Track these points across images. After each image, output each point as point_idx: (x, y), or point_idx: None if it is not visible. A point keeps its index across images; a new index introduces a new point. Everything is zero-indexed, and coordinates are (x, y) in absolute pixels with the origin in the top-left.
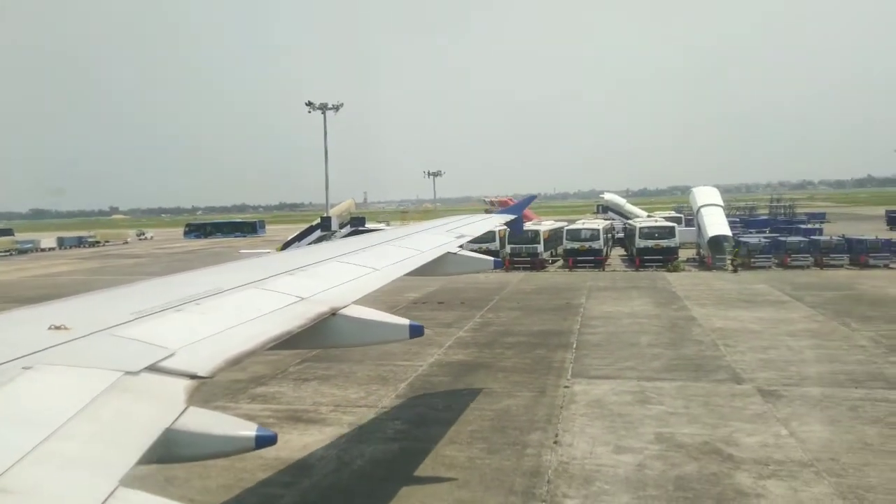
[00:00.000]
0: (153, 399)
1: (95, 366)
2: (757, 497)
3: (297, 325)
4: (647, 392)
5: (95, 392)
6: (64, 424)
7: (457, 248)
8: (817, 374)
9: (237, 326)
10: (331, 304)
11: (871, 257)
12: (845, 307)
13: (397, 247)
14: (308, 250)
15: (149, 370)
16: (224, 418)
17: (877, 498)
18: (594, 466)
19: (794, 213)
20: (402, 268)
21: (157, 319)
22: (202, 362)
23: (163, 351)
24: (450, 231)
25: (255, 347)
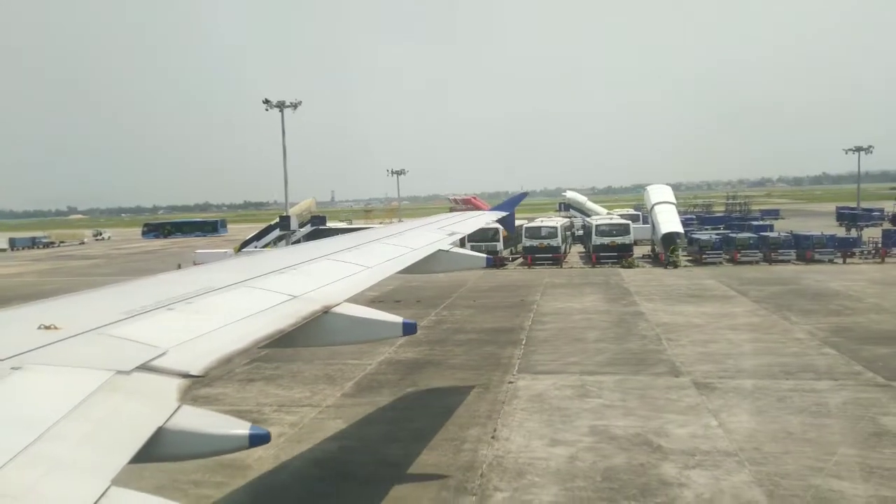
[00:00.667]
0: (145, 398)
1: (86, 365)
2: (680, 486)
3: (290, 323)
4: (588, 386)
5: (87, 392)
6: (55, 425)
7: (449, 245)
8: (752, 367)
9: (229, 325)
10: (323, 302)
11: (817, 252)
12: (787, 301)
13: (389, 244)
14: (299, 248)
15: (140, 369)
16: (217, 417)
17: (790, 483)
18: (527, 460)
19: (749, 211)
20: (394, 265)
21: (148, 318)
22: (194, 361)
23: (154, 350)
24: (441, 228)
25: (248, 346)
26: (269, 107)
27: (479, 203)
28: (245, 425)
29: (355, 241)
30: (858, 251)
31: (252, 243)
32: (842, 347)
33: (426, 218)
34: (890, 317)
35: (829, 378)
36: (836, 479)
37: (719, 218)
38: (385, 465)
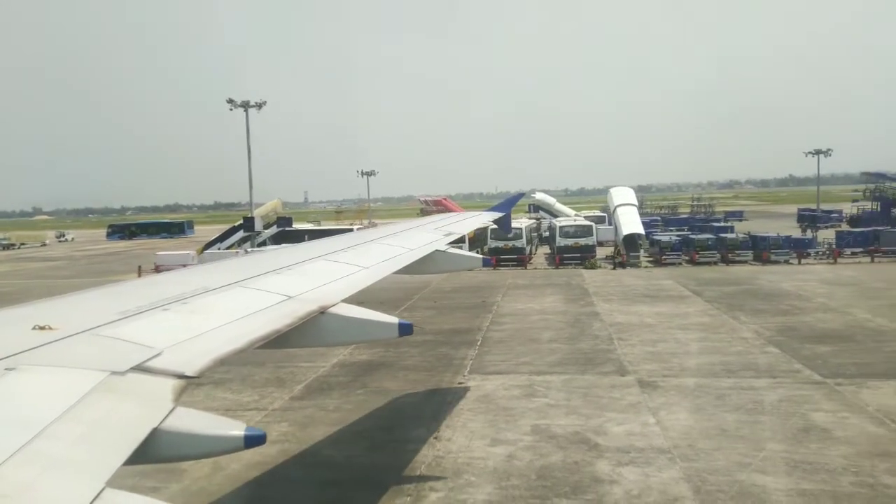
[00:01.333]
0: (140, 399)
1: (81, 366)
2: (611, 483)
3: (286, 323)
4: (536, 386)
5: (81, 393)
6: (49, 425)
7: (445, 245)
8: (696, 366)
9: (225, 325)
10: (319, 302)
11: (773, 253)
12: (739, 301)
13: (385, 245)
14: (295, 249)
15: (135, 370)
16: (212, 418)
17: (717, 479)
18: (466, 460)
19: (713, 212)
20: (390, 266)
21: (143, 319)
22: (189, 362)
23: (149, 350)
24: (438, 229)
25: (243, 346)
26: (234, 106)
27: (449, 204)
28: (240, 426)
29: (351, 241)
30: (814, 252)
31: (215, 245)
32: (785, 346)
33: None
34: (835, 316)
35: (769, 376)
36: (760, 474)
37: (684, 219)
38: (323, 466)
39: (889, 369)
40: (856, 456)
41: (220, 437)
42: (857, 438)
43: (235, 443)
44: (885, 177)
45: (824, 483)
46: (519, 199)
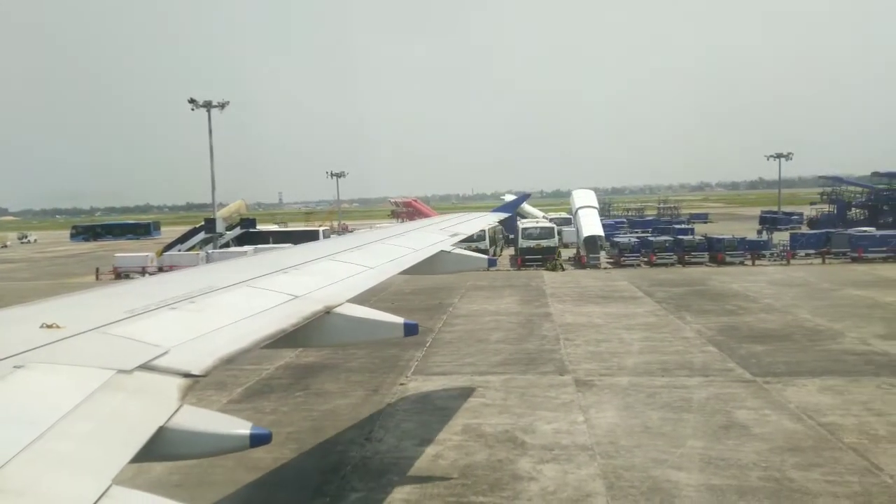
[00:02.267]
0: (147, 397)
1: (88, 364)
2: (529, 481)
3: (292, 323)
4: (475, 386)
5: (88, 390)
6: (57, 423)
7: (450, 246)
8: (634, 365)
9: (231, 325)
10: (325, 302)
11: (728, 255)
12: (688, 302)
13: (391, 245)
14: (301, 249)
15: (142, 368)
16: (218, 417)
17: (631, 475)
18: (393, 460)
19: (679, 214)
20: (396, 266)
21: (150, 318)
22: (196, 361)
23: (156, 349)
24: (444, 229)
25: (250, 346)
26: (196, 107)
27: (420, 206)
28: (246, 425)
29: (357, 241)
30: (769, 253)
31: (175, 247)
32: (723, 346)
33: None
34: (777, 316)
35: (701, 375)
36: (675, 470)
37: (649, 221)
38: (248, 469)
39: (817, 367)
40: (768, 452)
41: (225, 436)
42: (773, 435)
43: (241, 442)
44: (842, 180)
45: (733, 478)
46: (524, 200)
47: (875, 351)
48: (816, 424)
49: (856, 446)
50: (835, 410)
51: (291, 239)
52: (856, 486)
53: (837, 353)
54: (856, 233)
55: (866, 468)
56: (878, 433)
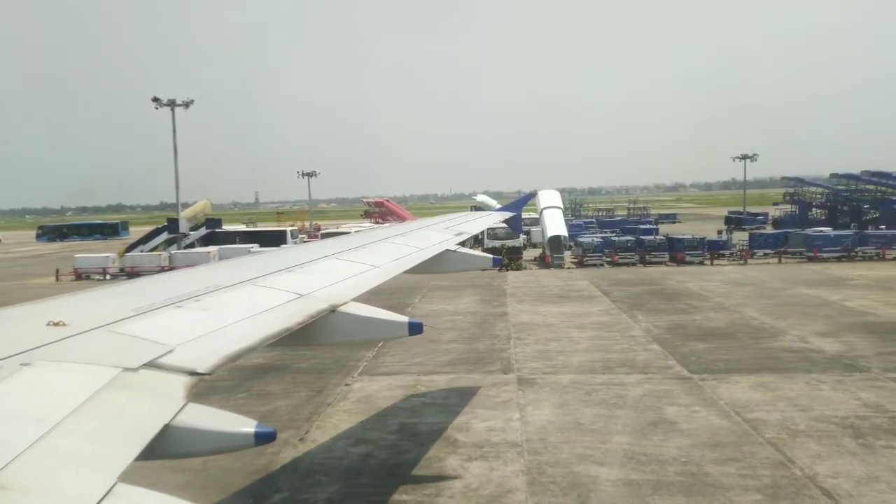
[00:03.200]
0: (152, 395)
1: (94, 362)
2: (454, 479)
3: (297, 321)
4: (419, 385)
5: (94, 388)
6: (62, 420)
7: (456, 245)
8: (578, 363)
9: (236, 323)
10: (330, 300)
11: (688, 254)
12: (642, 301)
13: (396, 244)
14: (306, 247)
15: (147, 366)
16: (223, 415)
17: (554, 471)
18: (323, 460)
19: (648, 215)
20: (400, 265)
21: (156, 316)
22: (201, 359)
23: (162, 347)
24: (449, 228)
25: (255, 344)
26: (159, 105)
27: (392, 206)
28: (251, 423)
29: (362, 240)
30: (729, 253)
31: (138, 247)
32: (667, 343)
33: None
34: (725, 314)
35: (640, 372)
36: (596, 466)
37: (617, 222)
38: (175, 471)
39: (754, 365)
40: (691, 447)
41: (230, 434)
42: (699, 431)
43: (246, 440)
44: (803, 181)
45: (652, 473)
46: (529, 198)
47: (811, 348)
48: (742, 420)
49: (775, 441)
50: (762, 406)
51: (258, 239)
52: (766, 480)
53: (776, 350)
54: (811, 233)
55: (780, 462)
56: (798, 428)
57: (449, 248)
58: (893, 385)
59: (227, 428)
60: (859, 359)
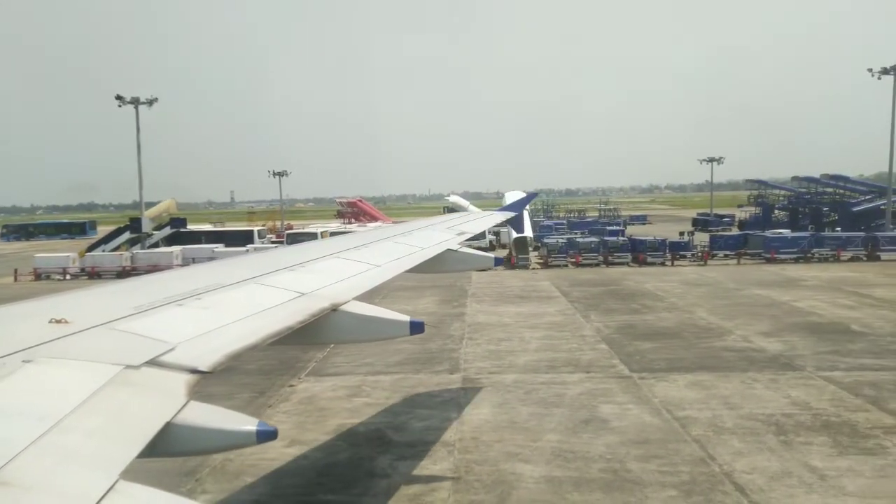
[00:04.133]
0: (154, 393)
1: (96, 359)
2: (382, 477)
3: (298, 320)
4: (364, 386)
5: (96, 386)
6: (64, 418)
7: (457, 245)
8: (524, 363)
9: (238, 321)
10: (331, 299)
11: (649, 255)
12: (599, 301)
13: (398, 244)
14: (308, 246)
15: (149, 364)
16: (225, 413)
17: (481, 469)
18: (254, 461)
19: (618, 216)
20: (402, 264)
21: (157, 314)
22: (203, 357)
23: (163, 345)
24: (450, 228)
25: (256, 342)
26: (123, 103)
27: (365, 206)
28: (253, 421)
29: (364, 239)
30: (690, 254)
31: (99, 247)
32: (615, 343)
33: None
34: (676, 314)
35: (583, 371)
36: (523, 463)
37: (587, 223)
38: None
39: (694, 364)
40: (618, 444)
41: (232, 432)
42: (629, 428)
43: (247, 438)
44: (767, 184)
45: (575, 470)
46: (532, 198)
47: (753, 348)
48: (672, 418)
49: (700, 438)
50: (694, 404)
51: (225, 239)
52: (685, 476)
53: (718, 349)
54: (770, 235)
55: (701, 458)
56: (724, 425)
57: (450, 248)
58: (824, 383)
59: (229, 426)
60: (796, 358)
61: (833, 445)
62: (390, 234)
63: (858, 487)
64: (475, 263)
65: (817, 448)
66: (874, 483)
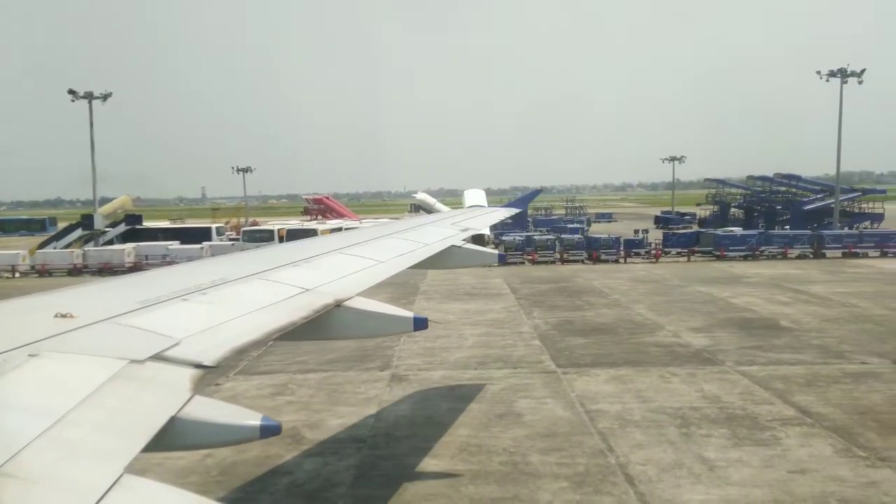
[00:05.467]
0: (158, 387)
1: (101, 354)
2: (284, 475)
3: (302, 316)
4: (291, 384)
5: (101, 380)
6: (70, 412)
7: (461, 241)
8: (456, 359)
9: (242, 316)
10: (335, 295)
11: (603, 253)
12: (544, 298)
13: (402, 239)
14: (312, 242)
15: (154, 359)
16: (229, 407)
17: (386, 465)
18: (160, 461)
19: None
20: (406, 260)
21: (162, 309)
22: (207, 352)
23: (168, 340)
24: (454, 224)
25: (261, 338)
26: (76, 98)
27: (332, 203)
28: (256, 416)
29: (368, 235)
30: (644, 251)
31: (51, 244)
32: (548, 339)
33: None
34: (616, 311)
35: (510, 367)
36: (429, 458)
37: (552, 220)
38: None
39: (619, 359)
40: (525, 438)
41: (236, 427)
42: (539, 422)
43: (251, 433)
44: (725, 183)
45: (477, 464)
46: (536, 195)
47: (680, 343)
48: (584, 412)
49: (604, 431)
50: (608, 398)
51: (182, 236)
52: (580, 468)
53: (646, 344)
54: (720, 233)
55: (601, 451)
56: (632, 418)
57: (454, 244)
58: (739, 377)
59: (233, 421)
60: (719, 353)
61: (730, 437)
62: (395, 230)
63: (742, 477)
64: (478, 260)
65: (715, 440)
66: (758, 473)
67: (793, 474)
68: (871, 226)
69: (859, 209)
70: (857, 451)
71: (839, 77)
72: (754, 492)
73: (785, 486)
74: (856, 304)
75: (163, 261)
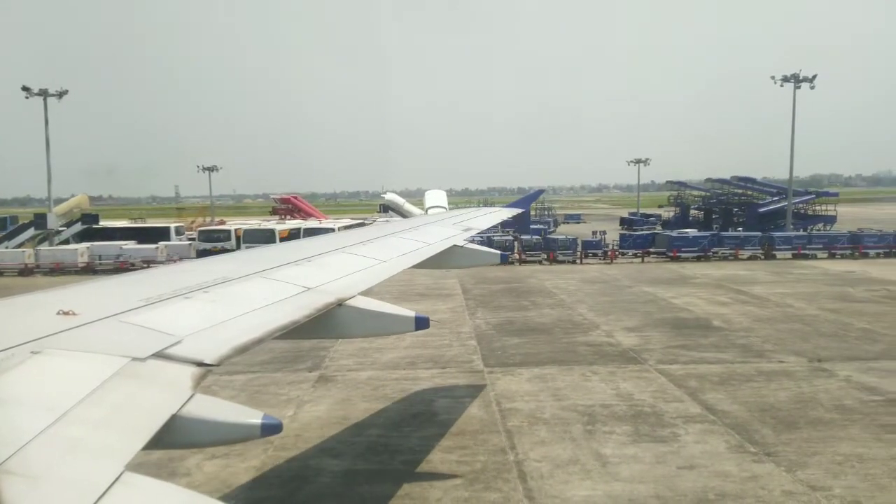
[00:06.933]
0: (160, 385)
1: (103, 351)
2: (183, 476)
3: (304, 314)
4: (214, 386)
5: (102, 377)
6: (71, 409)
7: (463, 241)
8: (387, 360)
9: (244, 315)
10: (337, 294)
11: (560, 254)
12: (493, 298)
13: (404, 239)
14: (315, 241)
15: (156, 357)
16: (230, 406)
17: (288, 465)
18: None
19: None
20: (408, 260)
21: (165, 307)
22: (209, 350)
23: (170, 338)
24: (457, 224)
25: (262, 336)
26: (30, 95)
27: (299, 202)
28: (258, 414)
29: (370, 234)
30: (601, 252)
31: (2, 244)
32: (485, 339)
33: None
34: (559, 311)
35: (440, 367)
36: (331, 458)
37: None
38: None
39: (547, 358)
40: (434, 437)
41: (237, 425)
42: (452, 421)
43: (252, 431)
44: (685, 185)
45: (379, 463)
46: (538, 195)
47: (610, 342)
48: (498, 410)
49: (512, 429)
50: (525, 397)
51: (140, 236)
52: (478, 465)
53: (578, 344)
54: (673, 234)
55: (502, 448)
56: (542, 416)
57: (456, 244)
58: (657, 375)
59: (234, 419)
60: (644, 352)
61: (631, 434)
62: (397, 229)
63: (631, 473)
64: (480, 259)
65: (616, 437)
66: (648, 469)
67: (681, 470)
68: (823, 228)
69: (813, 211)
70: (748, 446)
71: (792, 82)
72: (639, 487)
73: (670, 481)
74: (791, 304)
75: (116, 261)
